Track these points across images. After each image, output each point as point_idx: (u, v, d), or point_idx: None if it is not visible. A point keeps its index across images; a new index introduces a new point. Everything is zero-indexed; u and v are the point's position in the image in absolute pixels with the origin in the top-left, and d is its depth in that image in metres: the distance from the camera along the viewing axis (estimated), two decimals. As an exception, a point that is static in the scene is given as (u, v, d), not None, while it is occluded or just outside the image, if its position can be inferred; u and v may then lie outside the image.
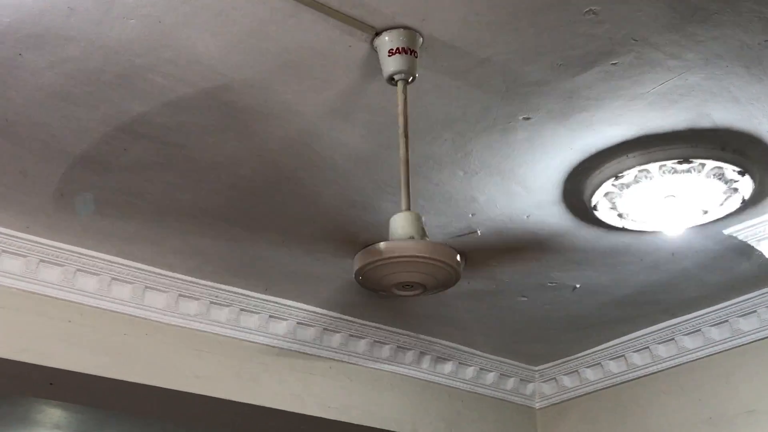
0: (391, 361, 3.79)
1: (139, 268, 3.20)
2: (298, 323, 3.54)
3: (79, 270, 3.11)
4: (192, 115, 2.44)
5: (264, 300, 3.44)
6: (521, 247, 3.12)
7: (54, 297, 3.08)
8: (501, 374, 4.09)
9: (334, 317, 3.59)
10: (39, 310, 3.04)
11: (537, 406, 4.22)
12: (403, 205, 2.22)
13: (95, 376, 3.09)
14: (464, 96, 2.41)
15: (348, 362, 3.68)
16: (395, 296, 2.39)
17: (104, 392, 3.25)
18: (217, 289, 3.34)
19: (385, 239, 2.20)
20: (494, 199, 2.87)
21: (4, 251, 2.98)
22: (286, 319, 3.51)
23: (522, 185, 2.80)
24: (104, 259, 3.14)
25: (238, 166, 2.66)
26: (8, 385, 3.36)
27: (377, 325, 3.71)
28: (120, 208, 2.86)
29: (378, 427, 3.68)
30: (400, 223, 2.19)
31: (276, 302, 3.46)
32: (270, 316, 3.47)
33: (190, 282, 3.29)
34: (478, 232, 3.02)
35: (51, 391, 3.29)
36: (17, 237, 2.99)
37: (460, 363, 3.97)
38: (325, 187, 2.77)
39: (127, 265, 3.18)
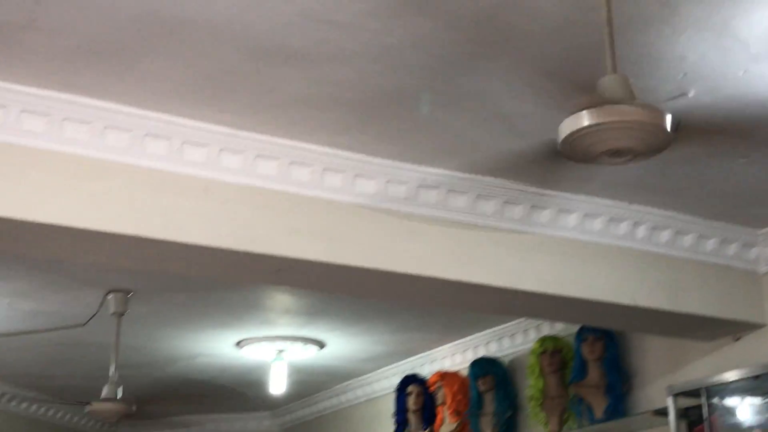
0: (603, 234, 3.71)
1: (348, 157, 3.26)
2: (505, 202, 3.51)
3: (292, 162, 3.20)
4: (385, -2, 2.41)
5: (471, 179, 3.43)
6: (738, 104, 2.93)
7: (272, 189, 3.19)
8: (722, 240, 3.91)
9: (542, 193, 3.54)
10: (259, 203, 3.17)
11: (762, 270, 4.03)
12: (609, 69, 2.12)
13: (316, 261, 3.22)
14: (668, -54, 2.24)
15: (560, 236, 3.64)
16: (603, 165, 2.32)
17: (326, 277, 3.39)
18: (424, 171, 3.36)
19: (592, 106, 2.12)
20: (706, 57, 2.68)
21: (223, 149, 3.12)
22: (495, 198, 3.49)
23: (736, 38, 2.60)
24: (315, 151, 3.22)
25: (433, 45, 2.61)
26: (239, 275, 3.58)
27: (587, 197, 3.62)
28: (325, 99, 2.91)
29: (595, 299, 3.65)
30: (607, 88, 2.09)
31: (482, 181, 3.45)
32: (478, 195, 3.47)
33: (398, 167, 3.32)
34: (690, 93, 2.86)
35: (278, 278, 3.47)
36: (234, 135, 3.11)
37: (677, 231, 3.83)
38: (524, 58, 2.68)
39: (336, 155, 3.24)
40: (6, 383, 6.64)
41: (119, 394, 5.08)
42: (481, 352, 5.65)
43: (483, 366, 5.44)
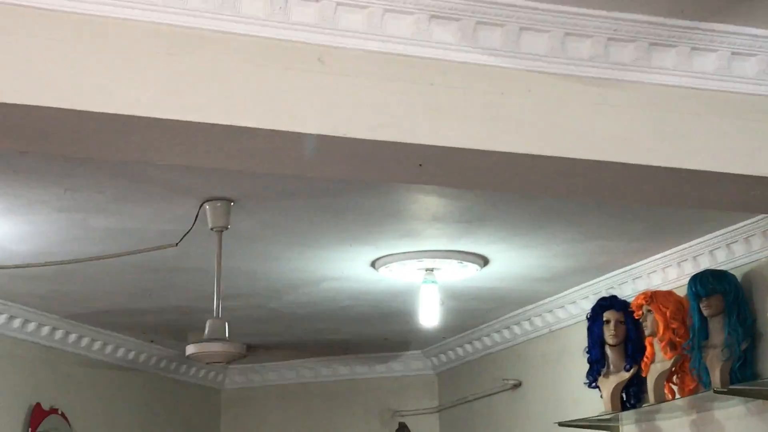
0: None
1: (510, 4, 3.21)
2: (732, 53, 3.43)
3: (433, 16, 3.18)
4: None
5: (680, 26, 3.34)
6: None
7: (407, 55, 3.18)
8: None
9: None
10: (391, 74, 3.16)
11: None
12: None
13: (470, 149, 3.20)
14: None
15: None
16: None
17: (484, 170, 3.38)
18: (615, 18, 3.29)
19: None
20: None
21: (339, 4, 3.13)
22: (717, 49, 3.41)
23: None
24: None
25: None
26: (372, 171, 3.60)
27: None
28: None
29: None
30: None
31: (700, 27, 3.35)
32: (693, 47, 3.40)
33: (578, 13, 3.25)
34: None
35: (421, 174, 3.49)
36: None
37: None
38: None
39: (494, 2, 3.21)
40: (81, 322, 6.94)
41: (226, 332, 5.25)
42: (705, 264, 5.59)
43: (707, 282, 5.39)
